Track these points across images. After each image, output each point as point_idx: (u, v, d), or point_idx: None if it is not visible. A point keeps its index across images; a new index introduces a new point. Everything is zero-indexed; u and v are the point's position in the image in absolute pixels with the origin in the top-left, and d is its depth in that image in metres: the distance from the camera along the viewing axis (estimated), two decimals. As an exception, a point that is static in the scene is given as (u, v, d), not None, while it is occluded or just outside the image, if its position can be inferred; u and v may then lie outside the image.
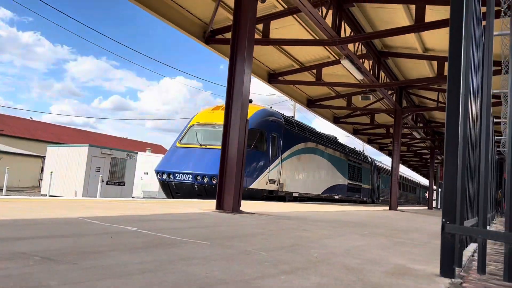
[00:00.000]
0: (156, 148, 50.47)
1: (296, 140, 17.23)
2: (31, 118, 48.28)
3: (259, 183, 14.50)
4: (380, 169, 30.78)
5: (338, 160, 22.25)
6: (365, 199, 27.39)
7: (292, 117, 18.56)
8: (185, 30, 10.35)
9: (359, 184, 26.11)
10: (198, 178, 13.00)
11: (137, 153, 22.10)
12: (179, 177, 13.34)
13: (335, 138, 23.25)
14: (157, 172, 14.11)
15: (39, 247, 2.38)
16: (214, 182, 12.62)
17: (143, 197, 23.12)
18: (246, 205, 9.38)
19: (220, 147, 11.00)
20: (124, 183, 20.61)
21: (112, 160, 20.10)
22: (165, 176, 13.73)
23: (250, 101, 17.00)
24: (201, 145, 13.82)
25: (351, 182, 24.35)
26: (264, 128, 14.81)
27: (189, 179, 13.16)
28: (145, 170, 24.85)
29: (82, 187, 18.87)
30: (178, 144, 14.51)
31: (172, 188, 13.69)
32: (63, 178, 19.63)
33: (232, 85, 7.08)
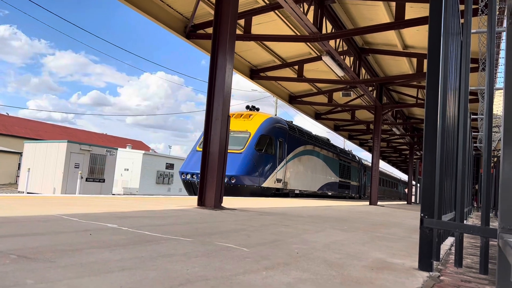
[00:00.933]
0: (137, 144, 49.97)
1: (297, 143, 19.31)
2: (7, 113, 47.15)
3: (269, 182, 16.54)
4: (366, 167, 32.79)
5: (331, 160, 24.50)
6: (353, 195, 29.27)
7: (292, 122, 20.44)
8: (165, 24, 10.23)
9: (348, 181, 28.23)
10: None
11: (117, 149, 21.80)
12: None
13: (328, 140, 25.49)
14: (181, 173, 16.23)
15: (16, 245, 2.33)
16: (232, 181, 14.86)
17: (124, 194, 22.87)
18: (228, 202, 9.38)
19: (234, 151, 13.16)
20: (104, 179, 20.33)
21: (92, 157, 19.79)
22: (188, 176, 15.79)
23: (257, 109, 18.05)
24: None
25: (341, 180, 26.44)
26: (272, 135, 16.93)
27: None
28: (125, 167, 24.59)
29: (60, 184, 18.53)
30: (198, 149, 16.22)
31: (195, 187, 15.30)
32: (41, 174, 19.24)
33: (213, 80, 7.04)
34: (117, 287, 1.64)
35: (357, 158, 31.20)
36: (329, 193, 24.39)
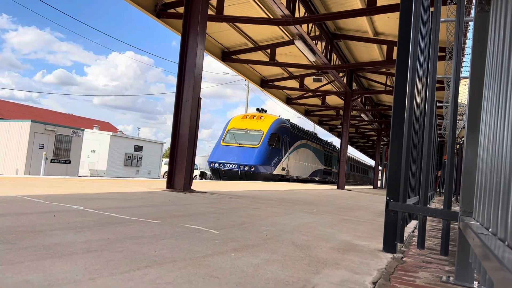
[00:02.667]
0: (104, 126, 48.83)
1: (296, 139, 24.29)
2: (-35, 90, 44.91)
3: (277, 170, 21.42)
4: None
5: (318, 151, 29.49)
6: (334, 180, 33.66)
7: (289, 120, 24.86)
8: (134, 1, 9.92)
9: (330, 168, 33.26)
10: (241, 166, 19.85)
11: (83, 130, 21.22)
12: (227, 166, 20.09)
13: (315, 134, 30.73)
14: (209, 162, 20.98)
15: (-26, 227, 2.24)
16: (252, 169, 19.71)
17: (90, 176, 22.40)
18: (198, 185, 9.35)
19: (251, 146, 17.35)
20: (70, 161, 19.80)
21: (57, 137, 19.19)
22: (216, 165, 20.43)
23: (265, 111, 22.30)
24: (239, 144, 20.71)
25: (325, 167, 31.48)
26: (279, 132, 21.77)
27: (234, 167, 19.95)
28: (92, 148, 24.03)
29: (24, 164, 17.92)
30: (222, 143, 21.21)
31: (221, 173, 20.27)
32: (3, 155, 18.53)
33: (184, 61, 6.92)
34: (81, 269, 1.61)
35: (337, 148, 35.05)
36: (316, 179, 29.09)
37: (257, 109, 23.89)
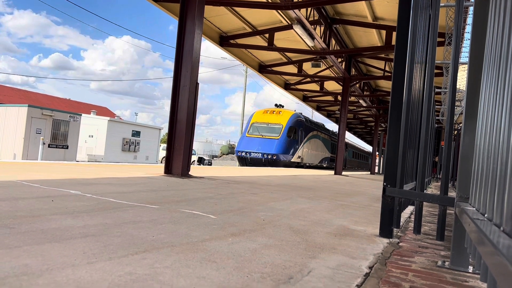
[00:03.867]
0: (101, 111, 48.62)
1: (309, 130, 27.78)
2: (-39, 74, 44.52)
3: (294, 158, 24.93)
4: (348, 144, 40.63)
5: (326, 140, 33.15)
6: (334, 166, 36.34)
7: (301, 113, 28.35)
8: (132, -15, 9.78)
9: (335, 155, 35.46)
10: (264, 155, 23.43)
11: (81, 115, 21.13)
12: (252, 155, 23.65)
13: (323, 125, 34.03)
14: (237, 151, 24.57)
15: (-28, 212, 2.24)
16: (274, 158, 23.17)
17: (88, 161, 22.40)
18: (196, 170, 9.37)
19: (273, 137, 23.22)
20: (68, 146, 19.77)
21: (54, 122, 19.11)
22: (243, 154, 24.03)
23: (282, 106, 28.30)
24: (261, 135, 24.30)
25: (332, 155, 34.79)
26: (296, 126, 25.21)
27: (259, 156, 23.50)
28: (90, 133, 23.97)
29: (21, 149, 17.88)
30: (247, 135, 24.96)
31: (247, 161, 23.87)
32: (0, 139, 18.48)
33: (181, 46, 6.86)
34: (80, 254, 1.62)
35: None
36: (324, 165, 32.58)
37: (276, 105, 27.55)
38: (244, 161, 24.12)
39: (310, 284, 1.53)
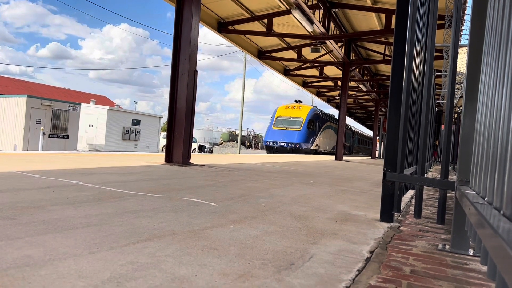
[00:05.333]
0: (101, 100, 48.52)
1: (323, 122, 32.02)
2: (-41, 66, 44.30)
3: (313, 146, 29.39)
4: (355, 132, 46.00)
5: (336, 130, 34.12)
6: (346, 152, 41.85)
7: (315, 106, 33.21)
8: (128, -28, 9.66)
9: (345, 143, 43.23)
10: (289, 144, 27.87)
11: (80, 104, 21.08)
12: (278, 144, 28.19)
13: (334, 116, 36.89)
14: (266, 141, 29.25)
15: (-27, 203, 2.25)
16: (297, 146, 27.72)
17: (89, 150, 22.43)
18: (196, 158, 9.38)
19: (295, 129, 28.89)
20: (68, 136, 19.77)
21: (54, 112, 19.08)
22: (271, 143, 28.53)
23: (301, 102, 34.80)
24: (285, 127, 28.75)
25: (344, 142, 37.36)
26: (314, 118, 29.72)
27: (284, 145, 27.97)
28: (90, 123, 23.96)
29: (22, 140, 17.88)
30: (273, 127, 29.49)
31: (274, 149, 28.24)
32: (0, 130, 18.47)
33: (179, 33, 6.80)
34: (81, 243, 1.62)
35: (349, 126, 43.53)
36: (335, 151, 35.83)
37: (295, 101, 32.46)
38: (272, 150, 28.71)
39: (312, 270, 1.54)
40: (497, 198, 1.10)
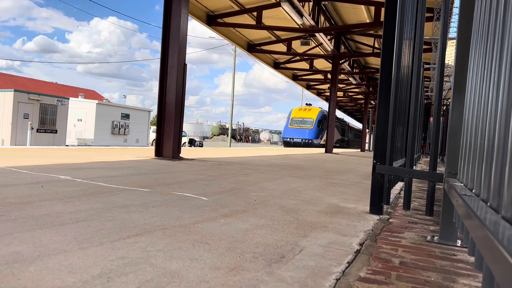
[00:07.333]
0: (89, 94, 48.04)
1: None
2: None
3: (321, 141, 33.77)
4: (351, 128, 51.26)
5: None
6: (344, 145, 46.88)
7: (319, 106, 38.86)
8: (115, -36, 9.53)
9: (344, 137, 47.17)
10: (303, 140, 33.71)
11: (68, 98, 20.84)
12: (294, 140, 34.09)
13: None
14: (283, 137, 35.51)
15: (-40, 200, 2.22)
16: (310, 141, 33.60)
17: (78, 145, 22.22)
18: (187, 152, 9.35)
19: (307, 127, 36.94)
20: (56, 130, 19.55)
21: (42, 106, 18.84)
22: (288, 139, 34.54)
23: (310, 105, 42.75)
24: (299, 126, 34.75)
25: (342, 137, 44.92)
26: (322, 119, 34.67)
27: (299, 140, 33.78)
28: (78, 117, 23.72)
29: (9, 135, 17.65)
30: (289, 126, 35.51)
31: (291, 144, 33.97)
32: (-13, 126, 18.19)
33: (168, 27, 6.74)
34: (71, 239, 1.61)
35: (346, 122, 49.36)
36: (337, 145, 40.35)
37: (306, 104, 38.64)
38: (289, 144, 34.69)
39: (302, 263, 1.55)
40: (484, 190, 1.11)
